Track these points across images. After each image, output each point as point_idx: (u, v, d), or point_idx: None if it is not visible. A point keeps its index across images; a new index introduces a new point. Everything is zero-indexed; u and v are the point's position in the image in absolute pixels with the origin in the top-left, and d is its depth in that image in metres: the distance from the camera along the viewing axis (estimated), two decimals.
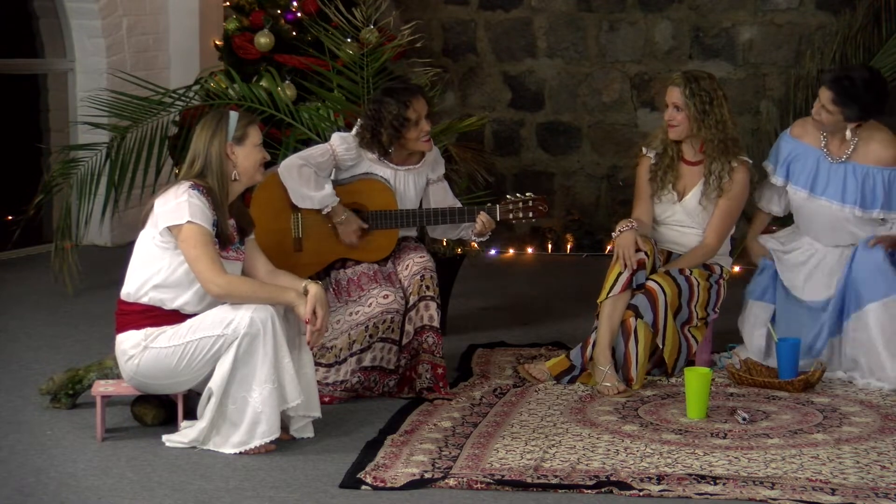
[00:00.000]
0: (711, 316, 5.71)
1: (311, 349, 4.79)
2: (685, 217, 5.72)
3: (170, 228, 4.66)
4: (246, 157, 4.80)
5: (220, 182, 4.75)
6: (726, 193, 5.64)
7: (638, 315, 5.44)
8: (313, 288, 4.70)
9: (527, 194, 5.60)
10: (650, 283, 5.47)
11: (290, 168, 5.39)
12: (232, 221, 4.82)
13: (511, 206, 5.56)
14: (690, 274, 5.59)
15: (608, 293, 5.44)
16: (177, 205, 4.65)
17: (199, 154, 4.77)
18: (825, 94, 5.52)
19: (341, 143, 5.48)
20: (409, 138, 5.45)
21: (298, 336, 4.75)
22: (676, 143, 5.71)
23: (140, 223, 4.79)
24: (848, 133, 5.56)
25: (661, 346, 5.51)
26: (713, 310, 5.70)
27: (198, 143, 4.79)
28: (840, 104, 5.49)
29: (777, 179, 5.76)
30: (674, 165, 5.70)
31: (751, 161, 5.76)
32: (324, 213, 5.42)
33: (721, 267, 5.79)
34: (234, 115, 4.83)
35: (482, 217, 5.50)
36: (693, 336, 5.62)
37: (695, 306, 5.58)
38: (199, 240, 4.63)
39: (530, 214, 5.57)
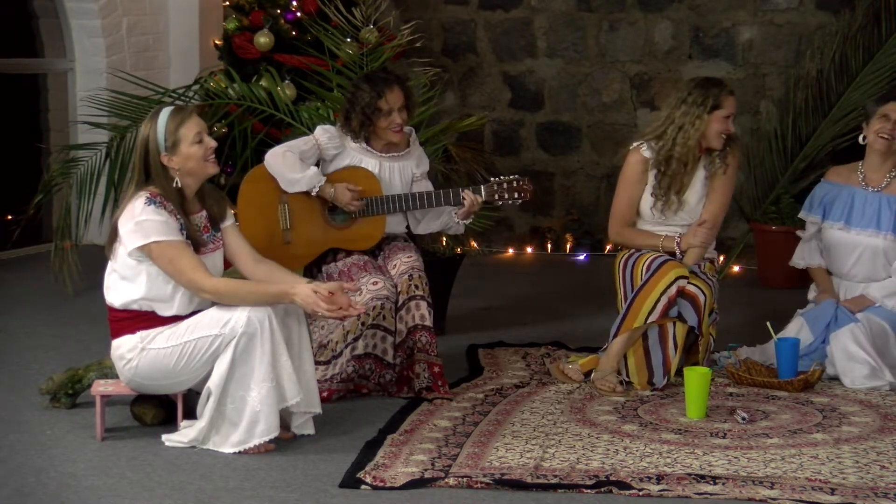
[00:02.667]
0: (714, 316, 5.70)
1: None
2: (688, 216, 5.68)
3: (139, 248, 4.59)
4: (186, 159, 4.64)
5: (169, 189, 4.63)
6: (726, 173, 5.66)
7: (682, 321, 5.42)
8: (300, 287, 4.59)
9: (512, 176, 5.63)
10: (691, 288, 5.42)
11: (275, 155, 5.43)
12: (203, 213, 4.77)
13: (496, 187, 5.58)
14: (703, 268, 5.60)
15: (646, 319, 5.38)
16: (136, 225, 4.56)
17: (139, 167, 4.64)
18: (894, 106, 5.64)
19: (323, 133, 5.53)
20: (379, 126, 5.48)
21: (300, 329, 4.71)
22: (696, 154, 5.61)
23: (107, 242, 4.70)
24: None
25: (699, 346, 5.53)
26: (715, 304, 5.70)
27: (135, 157, 4.67)
28: None
29: (814, 218, 5.83)
30: (681, 174, 5.59)
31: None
32: (313, 193, 5.43)
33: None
34: (161, 124, 4.62)
35: (468, 195, 5.50)
36: (710, 334, 5.61)
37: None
38: (171, 255, 4.56)
39: (516, 195, 5.58)
